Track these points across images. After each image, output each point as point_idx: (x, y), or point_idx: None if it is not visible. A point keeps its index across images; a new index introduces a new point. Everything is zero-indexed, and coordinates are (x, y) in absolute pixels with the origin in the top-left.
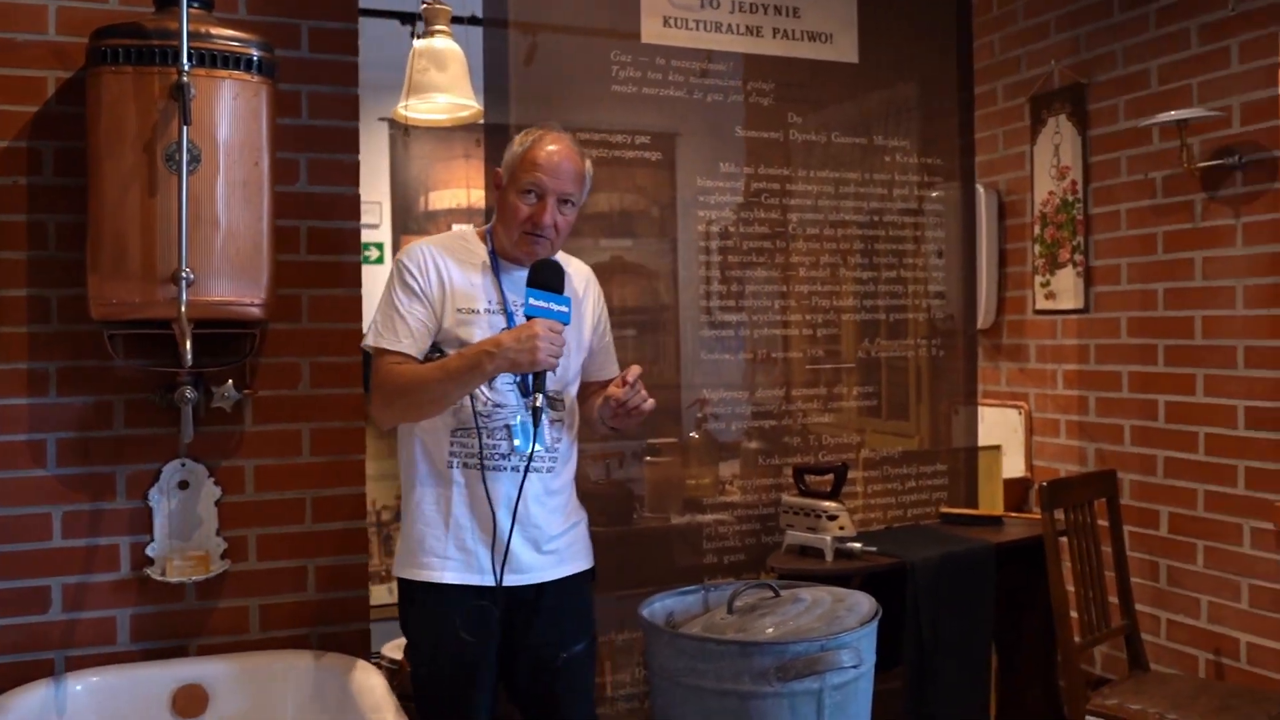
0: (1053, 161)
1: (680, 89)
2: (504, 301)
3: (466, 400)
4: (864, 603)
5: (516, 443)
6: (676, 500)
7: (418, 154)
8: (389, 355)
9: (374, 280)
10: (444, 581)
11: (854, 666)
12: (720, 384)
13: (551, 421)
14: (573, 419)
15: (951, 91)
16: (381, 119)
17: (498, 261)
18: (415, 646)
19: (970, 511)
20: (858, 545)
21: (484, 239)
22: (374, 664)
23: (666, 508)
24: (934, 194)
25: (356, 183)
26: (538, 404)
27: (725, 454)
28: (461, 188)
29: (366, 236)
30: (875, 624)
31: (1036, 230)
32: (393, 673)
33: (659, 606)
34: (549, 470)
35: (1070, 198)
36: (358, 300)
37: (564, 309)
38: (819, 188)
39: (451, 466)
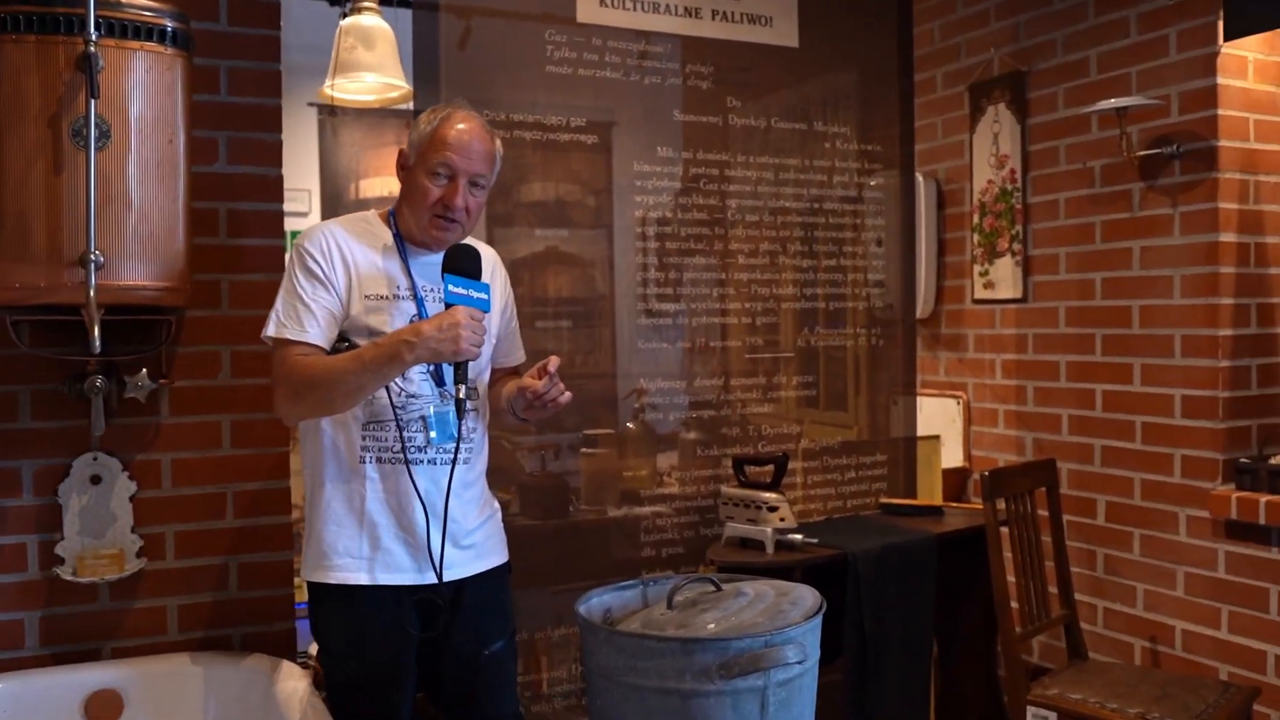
0: (992, 150)
1: (617, 70)
2: (414, 287)
3: (381, 392)
4: (808, 596)
5: (433, 435)
6: (613, 492)
7: (348, 140)
8: (294, 346)
9: None
10: (359, 583)
11: (799, 662)
12: (658, 373)
13: (466, 411)
14: (485, 408)
15: (892, 78)
16: (310, 104)
17: (404, 245)
18: (329, 652)
19: (910, 502)
20: (799, 537)
21: (387, 221)
22: (300, 665)
23: (603, 500)
24: (874, 181)
25: (279, 163)
26: (461, 395)
27: (663, 445)
28: (393, 175)
29: (295, 225)
30: (819, 618)
31: (975, 219)
32: (320, 674)
33: (596, 603)
34: (465, 462)
35: (1009, 186)
36: (280, 251)
37: (484, 296)
38: (758, 174)
39: (364, 462)
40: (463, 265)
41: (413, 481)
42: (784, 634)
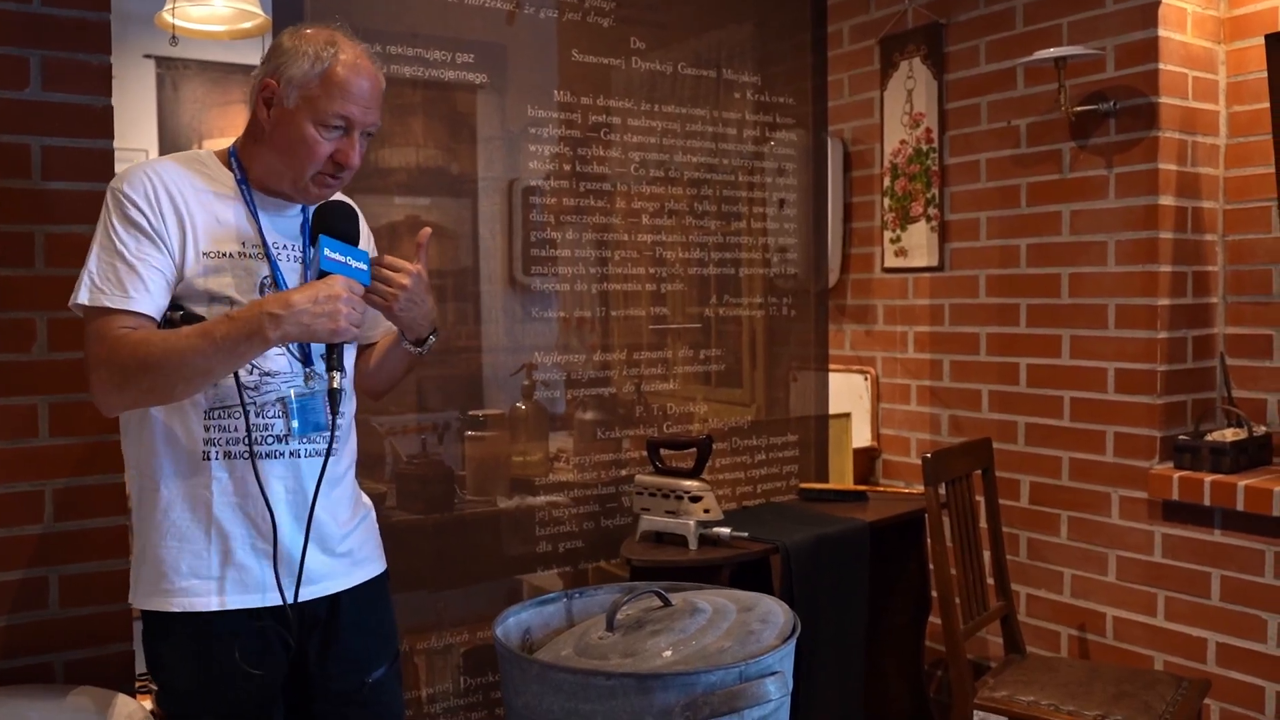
0: (905, 108)
1: (509, 1)
2: (264, 243)
3: None
4: (777, 610)
5: (294, 424)
6: (503, 481)
7: (189, 97)
8: (116, 317)
9: None
10: (210, 609)
11: (781, 697)
12: (551, 346)
13: (341, 401)
14: (352, 390)
15: (804, 29)
16: (147, 55)
17: (250, 192)
18: (172, 693)
19: (833, 487)
20: (726, 531)
21: (227, 163)
22: (142, 694)
23: (492, 490)
24: (784, 137)
25: (108, 90)
26: (336, 385)
27: (557, 426)
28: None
29: None
30: (795, 640)
31: (886, 182)
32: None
33: (514, 623)
34: (333, 454)
35: (924, 147)
36: None
37: (364, 267)
38: (664, 124)
39: (209, 458)
40: (340, 227)
41: (266, 479)
42: (762, 663)
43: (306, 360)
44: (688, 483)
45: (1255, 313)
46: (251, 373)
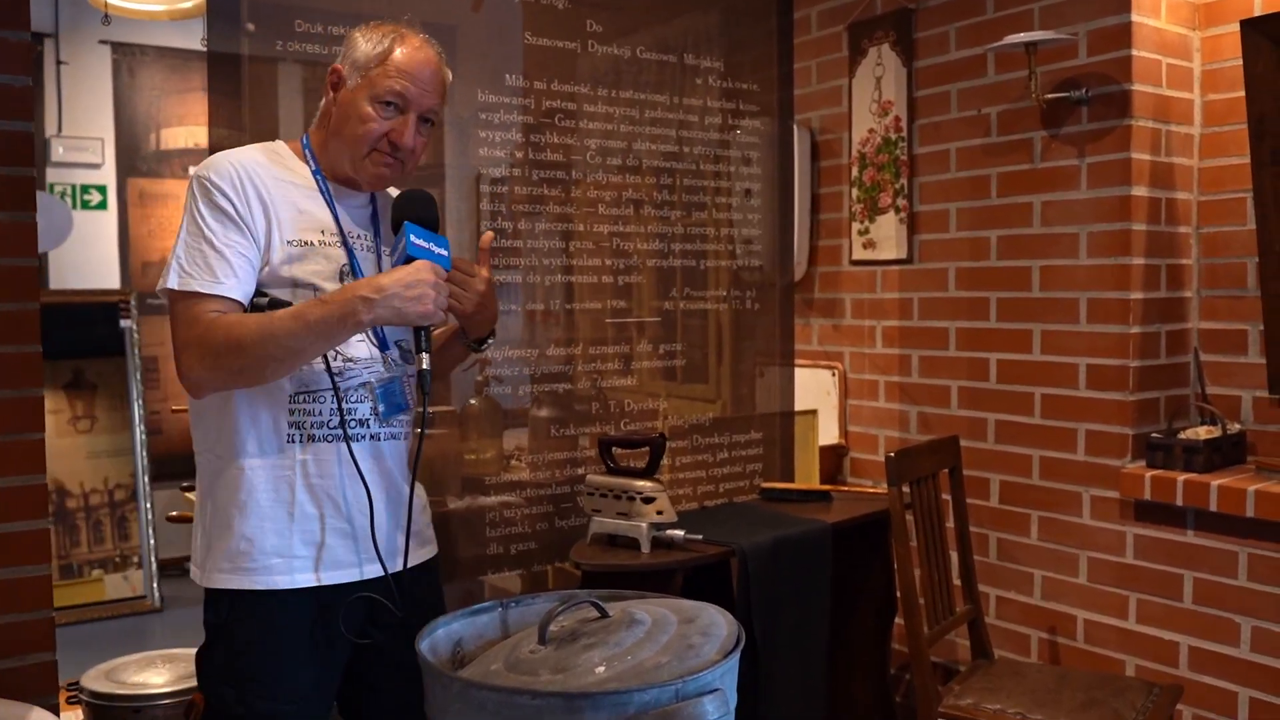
0: (874, 96)
1: None
2: (340, 232)
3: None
4: (720, 623)
5: (381, 408)
6: (453, 479)
7: (147, 84)
8: (206, 302)
9: (98, 226)
10: (291, 586)
11: (720, 716)
12: (504, 340)
13: (407, 378)
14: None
15: (770, 14)
16: (102, 41)
17: (324, 182)
18: (236, 676)
19: (795, 487)
20: (680, 533)
21: (301, 155)
22: (65, 706)
23: (442, 489)
24: (748, 125)
25: (27, 69)
26: (425, 366)
27: (511, 423)
28: (201, 124)
29: (87, 178)
30: (738, 653)
31: (854, 172)
32: (99, 711)
33: (443, 634)
34: (406, 437)
35: (893, 136)
36: (30, 228)
37: (445, 253)
38: (621, 110)
39: (292, 441)
40: (423, 214)
41: (356, 461)
42: (700, 679)
43: (383, 345)
44: (640, 483)
45: (1230, 307)
46: (336, 358)
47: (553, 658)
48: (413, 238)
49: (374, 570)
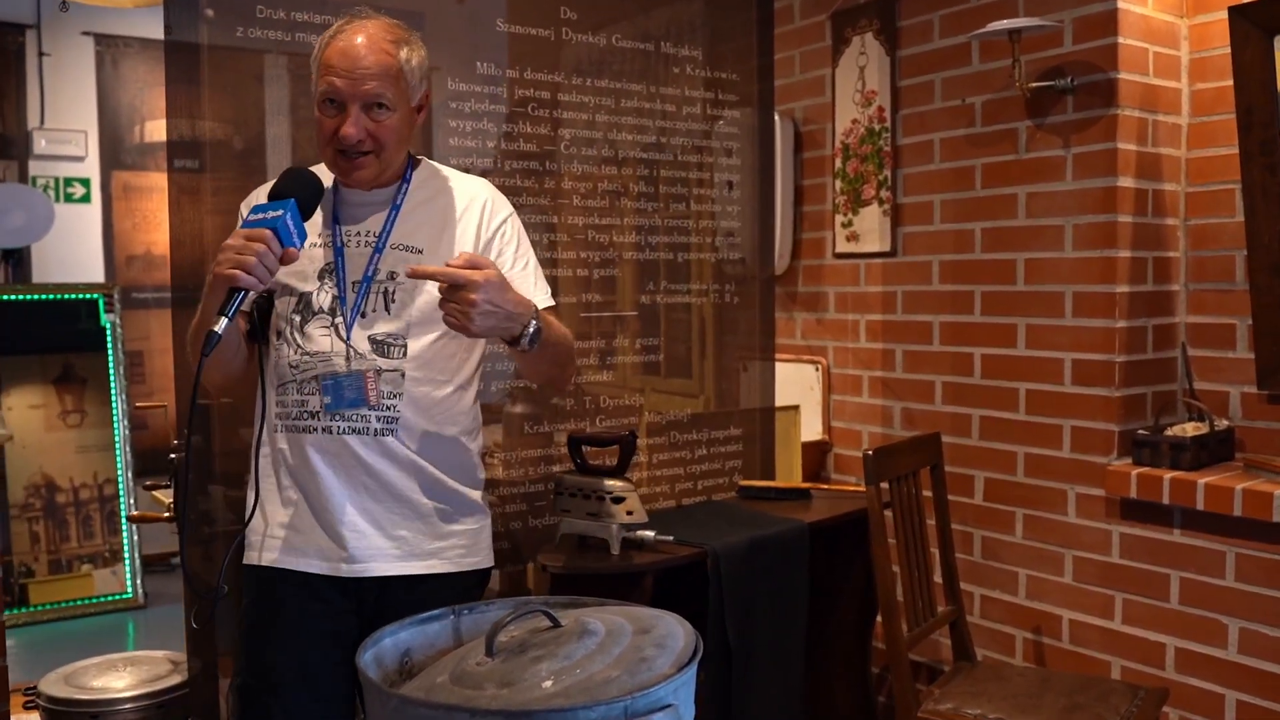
0: (857, 86)
1: None
2: (334, 233)
3: (285, 350)
4: (677, 632)
5: (326, 400)
6: None
7: (130, 76)
8: None
9: (82, 220)
10: (277, 566)
11: None
12: None
13: (383, 372)
14: (430, 372)
15: (750, 3)
16: (86, 33)
17: (337, 189)
18: (237, 646)
19: (774, 484)
20: (650, 534)
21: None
22: (23, 712)
23: None
24: (729, 116)
25: None
26: (215, 328)
27: (485, 419)
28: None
29: (70, 170)
30: (694, 666)
31: (838, 164)
32: (56, 717)
33: (389, 644)
34: (385, 434)
35: (877, 126)
36: None
37: (278, 214)
38: (597, 99)
39: (277, 429)
40: (285, 187)
41: (308, 453)
42: (651, 695)
43: (344, 337)
44: (610, 482)
45: (1218, 301)
46: (297, 352)
47: (499, 670)
48: (251, 215)
49: (347, 569)
